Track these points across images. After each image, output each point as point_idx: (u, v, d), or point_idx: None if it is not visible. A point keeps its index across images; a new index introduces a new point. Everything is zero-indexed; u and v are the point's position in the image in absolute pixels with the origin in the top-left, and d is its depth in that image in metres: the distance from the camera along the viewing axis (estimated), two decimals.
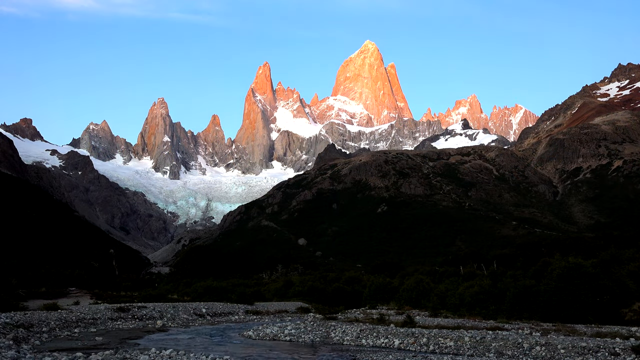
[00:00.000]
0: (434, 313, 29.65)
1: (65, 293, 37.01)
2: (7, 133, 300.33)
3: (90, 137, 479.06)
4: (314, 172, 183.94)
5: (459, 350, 16.54)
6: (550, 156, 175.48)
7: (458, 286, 31.84)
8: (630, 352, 14.22)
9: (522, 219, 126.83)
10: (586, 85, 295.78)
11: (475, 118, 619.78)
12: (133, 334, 20.49)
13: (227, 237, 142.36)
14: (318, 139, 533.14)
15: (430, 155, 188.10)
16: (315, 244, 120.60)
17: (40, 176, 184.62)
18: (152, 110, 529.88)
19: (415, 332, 19.50)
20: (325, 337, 20.21)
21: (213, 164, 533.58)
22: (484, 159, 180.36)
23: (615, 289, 23.31)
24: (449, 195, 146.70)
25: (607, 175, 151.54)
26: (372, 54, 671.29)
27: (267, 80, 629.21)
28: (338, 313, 31.02)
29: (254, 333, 21.47)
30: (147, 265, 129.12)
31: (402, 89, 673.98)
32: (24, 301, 28.83)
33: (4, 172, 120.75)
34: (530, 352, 15.37)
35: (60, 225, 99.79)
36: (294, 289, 46.09)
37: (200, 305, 32.59)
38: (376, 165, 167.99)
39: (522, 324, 22.86)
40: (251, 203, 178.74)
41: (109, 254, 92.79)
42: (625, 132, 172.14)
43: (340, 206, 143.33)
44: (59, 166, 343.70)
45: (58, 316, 21.53)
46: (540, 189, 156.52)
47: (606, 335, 17.90)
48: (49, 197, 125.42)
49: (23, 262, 52.43)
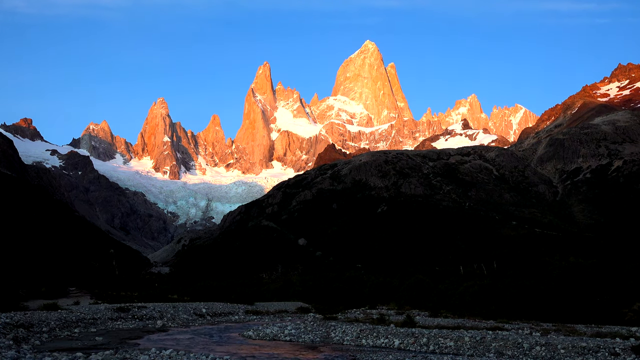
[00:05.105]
0: (434, 313, 29.66)
1: (65, 293, 37.02)
2: (7, 133, 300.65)
3: (90, 137, 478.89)
4: (314, 172, 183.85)
5: (459, 350, 16.54)
6: (550, 156, 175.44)
7: (458, 286, 31.85)
8: (630, 352, 14.22)
9: (522, 219, 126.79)
10: (586, 85, 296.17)
11: (475, 118, 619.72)
12: (133, 334, 20.49)
13: (227, 237, 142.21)
14: (318, 139, 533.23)
15: (430, 155, 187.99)
16: (315, 244, 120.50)
17: (40, 176, 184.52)
18: (152, 110, 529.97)
19: (415, 332, 19.50)
20: (325, 337, 20.21)
21: (213, 164, 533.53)
22: (484, 159, 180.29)
23: (615, 288, 23.30)
24: (449, 195, 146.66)
25: (607, 175, 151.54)
26: (372, 54, 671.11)
27: (267, 80, 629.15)
28: (338, 313, 31.02)
29: (254, 333, 21.47)
30: (147, 265, 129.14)
31: (402, 89, 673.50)
32: (24, 301, 28.84)
33: (4, 172, 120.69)
34: (530, 352, 15.37)
35: (60, 225, 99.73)
36: (294, 289, 46.09)
37: (200, 305, 32.60)
38: (376, 165, 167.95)
39: (522, 324, 22.85)
40: (251, 203, 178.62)
41: (109, 254, 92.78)
42: (625, 132, 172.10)
43: (340, 206, 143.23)
44: (59, 166, 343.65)
45: (58, 316, 21.53)
46: (540, 189, 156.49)
47: (606, 335, 17.90)
48: (49, 197, 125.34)
49: (23, 262, 52.40)
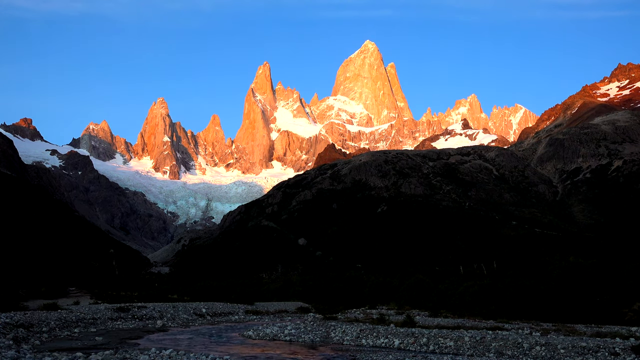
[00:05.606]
0: (434, 313, 29.65)
1: (65, 293, 37.03)
2: (7, 133, 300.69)
3: (90, 137, 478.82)
4: (314, 172, 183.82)
5: (459, 350, 16.54)
6: (550, 156, 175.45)
7: (458, 286, 31.85)
8: (630, 352, 14.21)
9: (522, 218, 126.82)
10: (586, 85, 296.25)
11: (475, 118, 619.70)
12: (133, 334, 20.49)
13: (227, 237, 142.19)
14: (318, 139, 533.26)
15: (430, 155, 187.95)
16: (315, 244, 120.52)
17: (40, 176, 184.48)
18: (152, 110, 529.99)
19: (415, 332, 19.49)
20: (325, 337, 20.21)
21: (213, 164, 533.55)
22: (483, 158, 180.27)
23: (615, 288, 23.30)
24: (449, 195, 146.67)
25: (607, 175, 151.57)
26: (372, 54, 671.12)
27: (267, 80, 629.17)
28: (338, 313, 31.02)
29: (254, 333, 21.47)
30: (147, 265, 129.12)
31: (402, 89, 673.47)
32: (24, 301, 28.84)
33: (4, 172, 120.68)
34: (530, 352, 15.36)
35: (60, 225, 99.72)
36: (294, 289, 46.09)
37: (200, 305, 32.60)
38: (376, 165, 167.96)
39: (522, 324, 22.85)
40: (251, 203, 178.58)
41: (109, 254, 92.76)
42: (625, 132, 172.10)
43: (340, 206, 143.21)
44: (59, 166, 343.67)
45: (58, 316, 21.53)
46: (540, 189, 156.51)
47: (606, 335, 17.89)
48: (49, 197, 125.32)
49: (23, 262, 52.40)
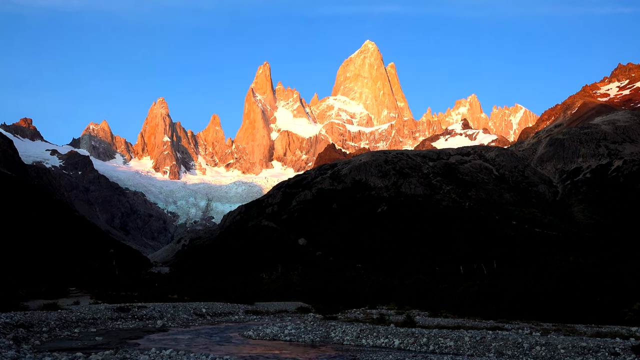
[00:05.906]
0: (434, 313, 29.66)
1: (65, 293, 37.03)
2: (7, 133, 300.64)
3: (90, 137, 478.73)
4: (314, 172, 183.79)
5: (459, 350, 16.54)
6: (550, 156, 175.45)
7: (458, 286, 31.85)
8: (630, 352, 14.21)
9: (522, 218, 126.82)
10: (586, 85, 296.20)
11: (475, 118, 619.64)
12: (133, 334, 20.49)
13: (227, 237, 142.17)
14: (318, 139, 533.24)
15: (430, 155, 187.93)
16: (315, 244, 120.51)
17: (40, 176, 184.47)
18: (152, 110, 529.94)
19: (415, 332, 19.49)
20: (325, 337, 20.21)
21: (213, 163, 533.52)
22: (483, 158, 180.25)
23: (615, 288, 23.30)
24: (449, 195, 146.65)
25: (607, 175, 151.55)
26: (372, 54, 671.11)
27: (267, 80, 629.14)
28: (338, 313, 31.02)
29: (254, 333, 21.47)
30: (147, 265, 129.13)
31: (402, 89, 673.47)
32: (24, 301, 28.84)
33: (4, 172, 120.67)
34: (530, 352, 15.36)
35: (60, 225, 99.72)
36: (294, 289, 46.09)
37: (200, 305, 32.60)
38: (376, 165, 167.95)
39: (522, 324, 22.85)
40: (251, 203, 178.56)
41: (109, 254, 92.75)
42: (625, 132, 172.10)
43: (340, 206, 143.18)
44: (59, 166, 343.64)
45: (58, 316, 21.52)
46: (540, 189, 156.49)
47: (606, 335, 17.89)
48: (49, 197, 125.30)
49: (23, 262, 52.41)
